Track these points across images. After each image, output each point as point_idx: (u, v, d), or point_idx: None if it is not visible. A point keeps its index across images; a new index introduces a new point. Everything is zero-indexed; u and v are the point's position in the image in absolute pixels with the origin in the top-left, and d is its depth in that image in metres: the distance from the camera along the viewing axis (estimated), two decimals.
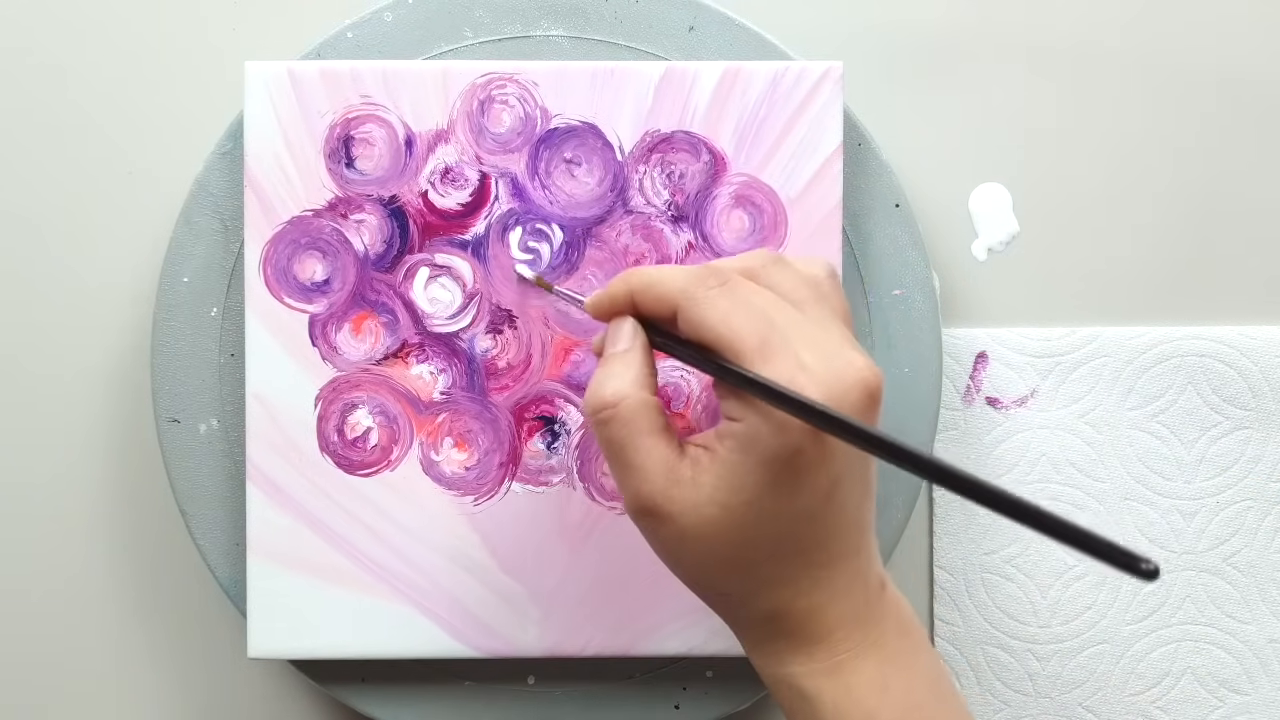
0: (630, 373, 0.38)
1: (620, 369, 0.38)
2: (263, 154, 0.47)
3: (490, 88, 0.48)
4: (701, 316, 0.37)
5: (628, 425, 0.37)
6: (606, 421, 0.38)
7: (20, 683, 0.52)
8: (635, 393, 0.38)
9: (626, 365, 0.38)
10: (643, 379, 0.38)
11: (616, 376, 0.38)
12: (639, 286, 0.39)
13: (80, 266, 0.52)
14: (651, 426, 0.37)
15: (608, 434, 0.38)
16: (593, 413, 0.38)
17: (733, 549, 0.37)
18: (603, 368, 0.39)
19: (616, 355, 0.39)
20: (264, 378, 0.47)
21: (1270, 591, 0.52)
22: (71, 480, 0.52)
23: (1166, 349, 0.52)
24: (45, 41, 0.52)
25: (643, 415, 0.38)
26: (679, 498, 0.37)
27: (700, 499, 0.36)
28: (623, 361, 0.39)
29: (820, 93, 0.48)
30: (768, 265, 0.39)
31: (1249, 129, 0.53)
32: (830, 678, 0.37)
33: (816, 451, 0.36)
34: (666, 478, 0.37)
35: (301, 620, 0.47)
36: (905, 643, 0.38)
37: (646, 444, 0.37)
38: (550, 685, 0.50)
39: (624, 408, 0.37)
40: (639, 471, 0.37)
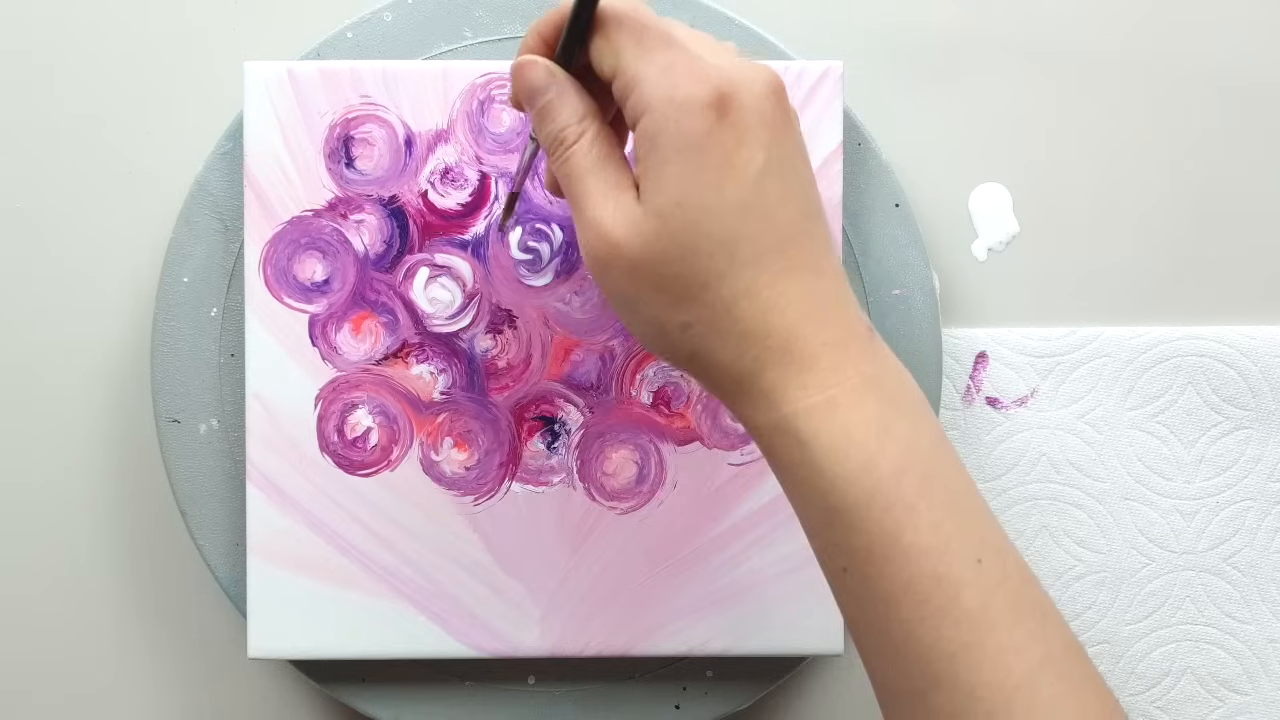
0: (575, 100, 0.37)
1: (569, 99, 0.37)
2: (262, 154, 0.47)
3: (490, 88, 0.48)
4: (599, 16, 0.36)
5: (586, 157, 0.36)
6: (567, 157, 0.36)
7: (20, 683, 0.52)
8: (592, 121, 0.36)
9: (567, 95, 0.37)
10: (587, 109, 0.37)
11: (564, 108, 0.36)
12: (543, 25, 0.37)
13: (80, 266, 0.52)
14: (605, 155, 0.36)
15: (567, 170, 0.36)
16: (553, 153, 0.37)
17: (683, 265, 0.35)
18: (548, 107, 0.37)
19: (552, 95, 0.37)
20: (264, 378, 0.47)
21: (1270, 591, 0.52)
22: (71, 480, 0.52)
23: (1166, 349, 0.52)
24: (45, 42, 0.52)
25: (602, 145, 0.36)
26: (623, 221, 0.35)
27: (637, 215, 0.35)
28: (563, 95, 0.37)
29: (820, 92, 0.48)
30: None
31: (1249, 129, 0.53)
32: (826, 417, 0.34)
33: (729, 133, 0.34)
34: (618, 205, 0.35)
35: (301, 620, 0.47)
36: (905, 391, 0.36)
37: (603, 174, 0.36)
38: (550, 685, 0.50)
39: (590, 133, 0.36)
40: (594, 204, 0.36)
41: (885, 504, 0.34)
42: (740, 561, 0.48)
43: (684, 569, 0.48)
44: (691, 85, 0.34)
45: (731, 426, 0.48)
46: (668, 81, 0.34)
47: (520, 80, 0.37)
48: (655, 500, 0.48)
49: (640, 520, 0.48)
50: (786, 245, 0.35)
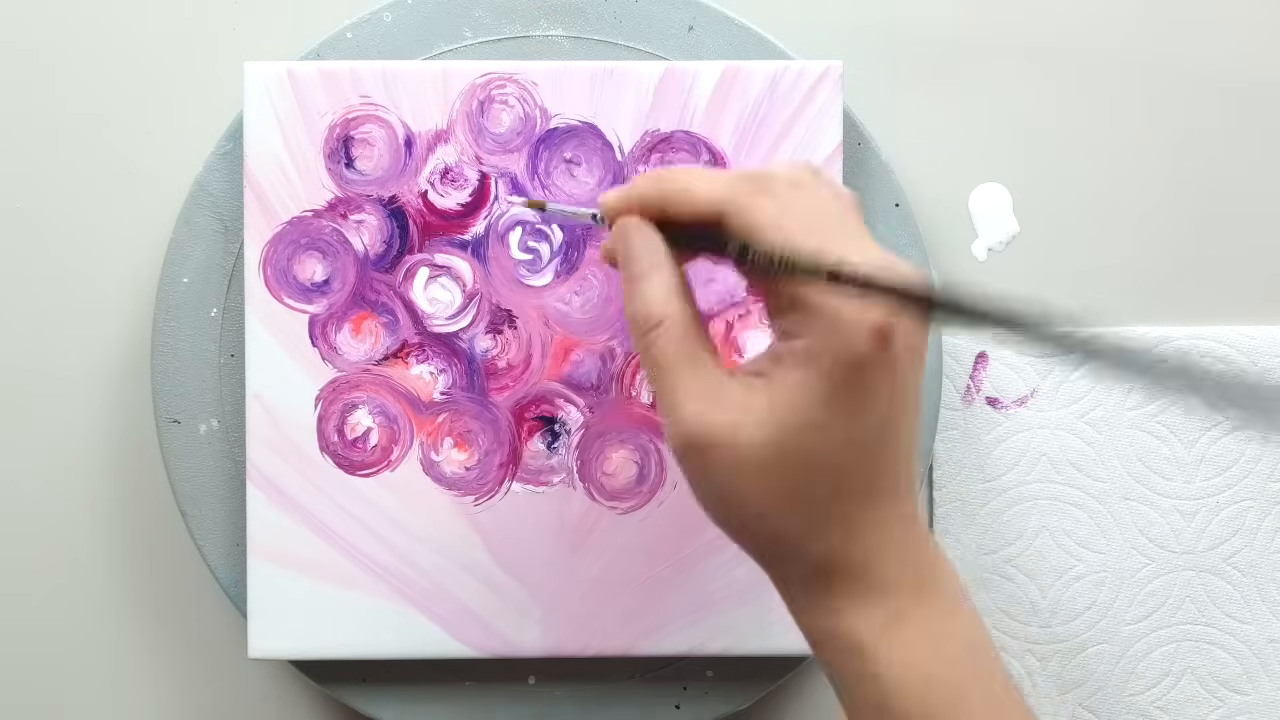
0: (667, 282, 0.36)
1: (659, 280, 0.36)
2: (262, 154, 0.47)
3: (490, 88, 0.48)
4: (752, 222, 0.34)
5: (679, 340, 0.35)
6: (658, 338, 0.35)
7: (21, 683, 0.52)
8: (677, 305, 0.35)
9: (660, 277, 0.36)
10: (684, 290, 0.36)
11: (653, 290, 0.35)
12: (672, 194, 0.36)
13: (80, 266, 0.52)
14: (702, 342, 0.35)
15: (657, 351, 0.35)
16: (641, 331, 0.35)
17: (790, 478, 0.34)
18: (641, 281, 0.36)
19: (647, 270, 0.36)
20: (264, 378, 0.47)
21: (1270, 591, 0.52)
22: (71, 480, 0.52)
23: (1167, 349, 0.52)
24: (45, 41, 0.52)
25: (694, 329, 0.35)
26: (732, 420, 0.34)
27: (754, 421, 0.34)
28: (655, 275, 0.36)
29: (820, 92, 0.48)
30: (811, 177, 0.36)
31: (1249, 129, 0.53)
32: (888, 631, 0.34)
33: (879, 366, 0.33)
34: (720, 397, 0.34)
35: (302, 620, 0.47)
36: (960, 597, 0.35)
37: (698, 360, 0.35)
38: (551, 685, 0.50)
39: (670, 325, 0.35)
40: (689, 391, 0.34)
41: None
42: (740, 561, 0.48)
43: (684, 569, 0.48)
44: (860, 310, 0.33)
45: None
46: (836, 301, 0.33)
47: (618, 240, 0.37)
48: (655, 500, 0.48)
49: (640, 520, 0.48)
50: (891, 483, 0.35)
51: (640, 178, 0.37)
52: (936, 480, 0.52)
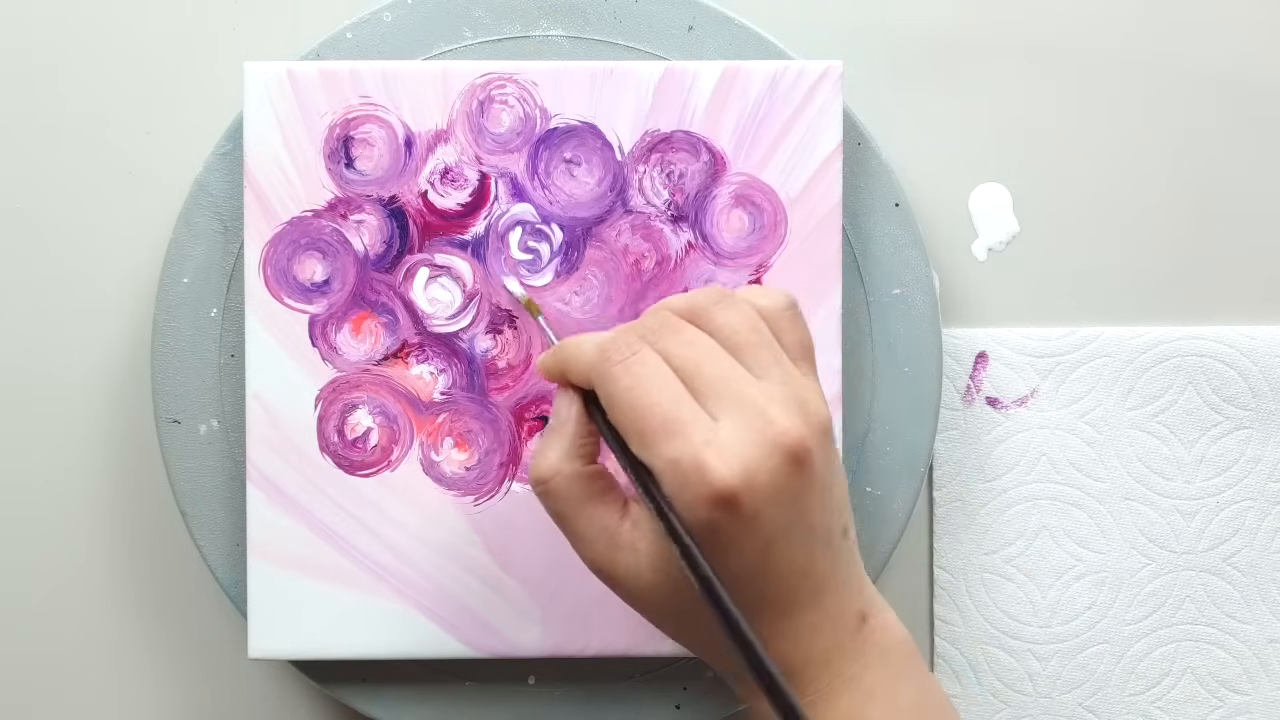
0: (563, 445, 0.38)
1: (555, 441, 0.38)
2: (262, 155, 0.47)
3: (490, 88, 0.48)
4: (609, 395, 0.36)
5: (563, 499, 0.38)
6: (545, 495, 0.38)
7: (21, 683, 0.52)
8: (567, 465, 0.38)
9: (560, 437, 0.38)
10: (576, 449, 0.38)
11: (551, 449, 0.38)
12: (564, 362, 0.39)
13: (80, 266, 0.52)
14: (587, 495, 0.38)
15: (548, 506, 0.38)
16: (533, 486, 0.39)
17: (678, 610, 0.37)
18: (540, 441, 0.39)
19: (554, 428, 0.39)
20: (264, 378, 0.47)
21: (1270, 591, 0.52)
22: (71, 480, 0.52)
23: (1166, 349, 0.52)
24: (45, 41, 0.52)
25: (577, 487, 0.38)
26: (622, 562, 0.37)
27: (641, 565, 0.37)
28: (557, 434, 0.39)
29: (820, 92, 0.48)
30: (712, 305, 0.37)
31: (1249, 129, 0.53)
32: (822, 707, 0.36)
33: (735, 523, 0.35)
34: (609, 544, 0.37)
35: (302, 620, 0.47)
36: (885, 674, 0.37)
37: (585, 514, 0.38)
38: (551, 685, 0.50)
39: (555, 484, 0.38)
40: (582, 539, 0.38)
41: None
42: None
43: None
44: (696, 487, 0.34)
45: None
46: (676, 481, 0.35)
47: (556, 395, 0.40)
48: None
49: None
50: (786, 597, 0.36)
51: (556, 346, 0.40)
52: (936, 480, 0.52)
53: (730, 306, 0.37)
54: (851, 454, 0.49)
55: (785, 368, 0.37)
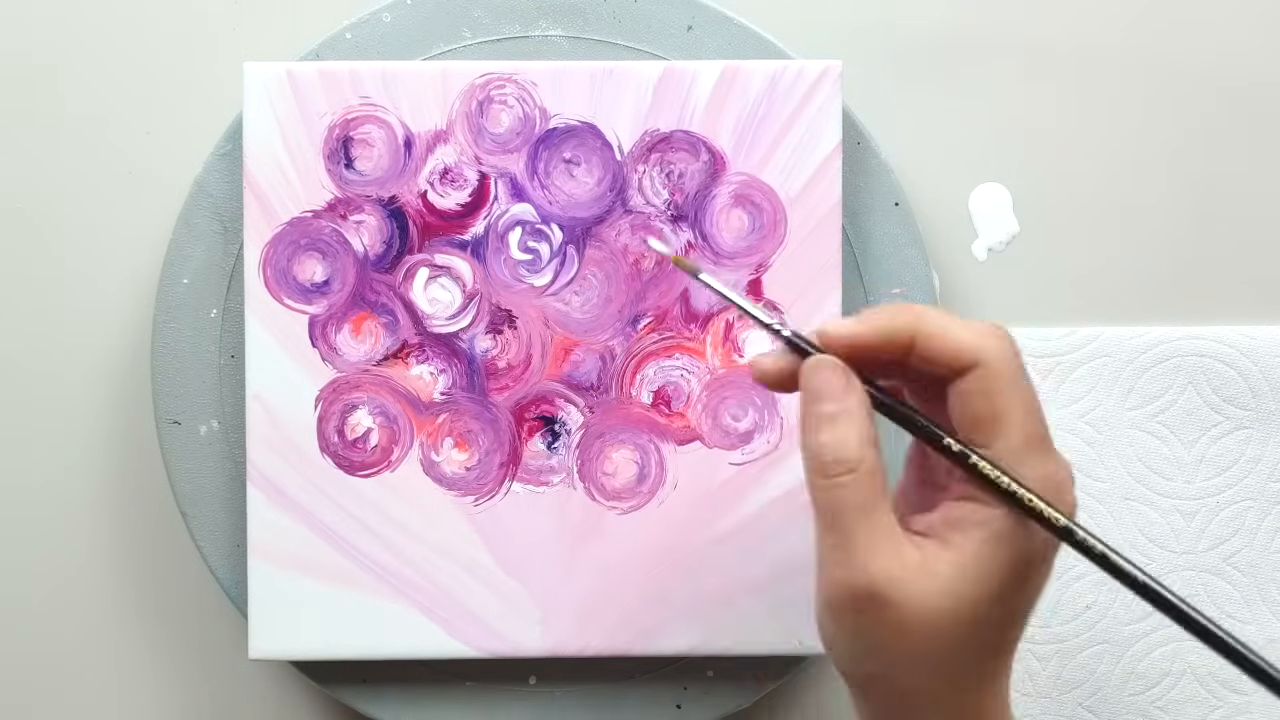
0: (860, 430, 0.34)
1: (852, 425, 0.34)
2: (262, 155, 0.47)
3: (489, 88, 0.48)
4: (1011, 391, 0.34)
5: (863, 490, 0.33)
6: (844, 484, 0.33)
7: (20, 683, 0.52)
8: (870, 454, 0.34)
9: (852, 422, 0.34)
10: (870, 437, 0.34)
11: (854, 432, 0.34)
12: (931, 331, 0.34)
13: (80, 267, 0.52)
14: (881, 495, 0.34)
15: (838, 498, 0.33)
16: (825, 472, 0.34)
17: (951, 645, 0.33)
18: (825, 424, 0.34)
19: (840, 412, 0.34)
20: (264, 379, 0.47)
21: (1270, 591, 0.52)
22: (71, 481, 0.52)
23: (1166, 349, 0.52)
24: (45, 41, 0.52)
25: (879, 482, 0.34)
26: (910, 582, 0.33)
27: (934, 588, 0.33)
28: (847, 419, 0.34)
29: (819, 92, 0.48)
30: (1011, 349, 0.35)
31: (1248, 129, 0.53)
32: None
33: (1053, 552, 0.35)
34: (895, 557, 0.33)
35: (302, 621, 0.47)
36: None
37: (877, 516, 0.33)
38: (551, 685, 0.50)
39: (865, 468, 0.33)
40: (865, 546, 0.33)
41: None
42: (741, 561, 0.48)
43: (684, 569, 0.48)
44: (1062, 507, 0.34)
45: (731, 426, 0.48)
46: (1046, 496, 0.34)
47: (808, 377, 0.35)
48: (655, 500, 0.48)
49: (641, 520, 0.48)
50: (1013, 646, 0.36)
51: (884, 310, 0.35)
52: None
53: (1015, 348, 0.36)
54: None
55: None
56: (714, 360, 0.48)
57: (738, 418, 0.48)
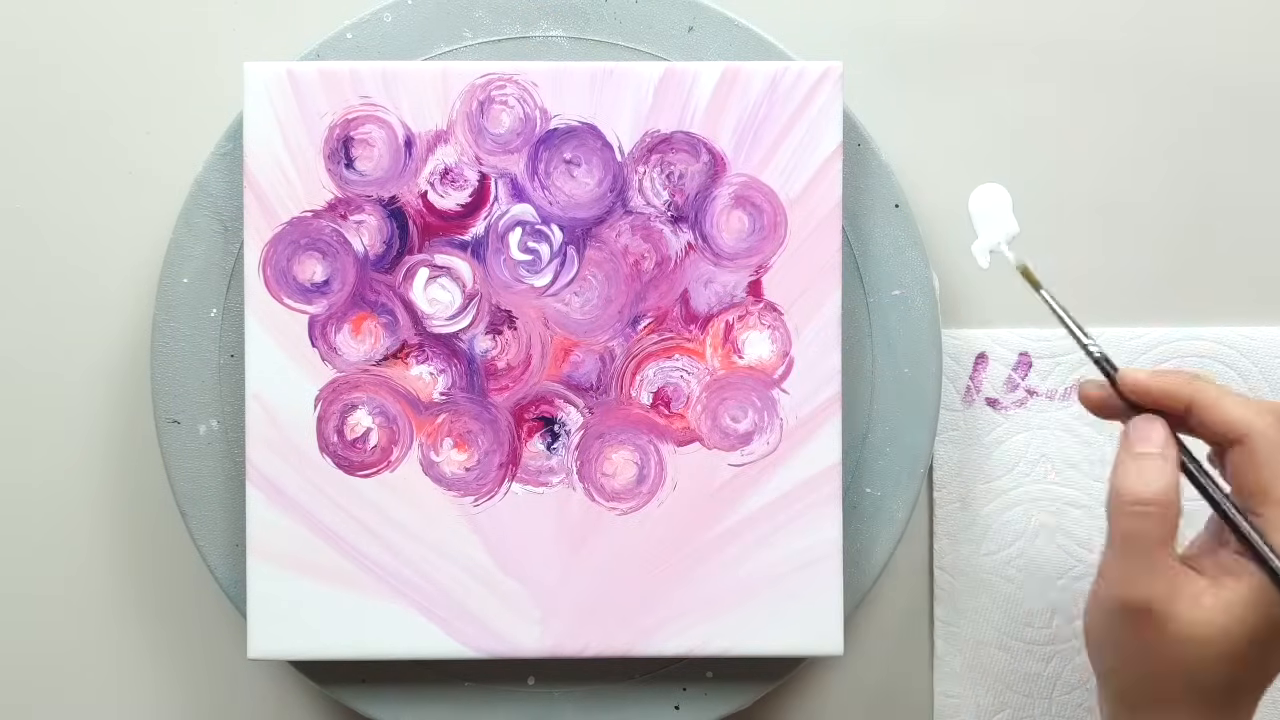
0: (1172, 476, 0.39)
1: (1163, 469, 0.39)
2: (262, 155, 0.47)
3: (490, 88, 0.48)
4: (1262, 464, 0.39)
5: (1162, 526, 0.39)
6: (1148, 516, 0.39)
7: (20, 683, 0.52)
8: (1176, 500, 0.39)
9: (1168, 467, 0.39)
10: (1178, 486, 0.39)
11: (1165, 475, 0.39)
12: (1203, 401, 0.40)
13: (80, 266, 0.52)
14: (1174, 534, 0.39)
15: (1141, 526, 0.39)
16: (1135, 503, 0.39)
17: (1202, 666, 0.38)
18: (1146, 461, 0.40)
19: (1154, 455, 0.40)
20: (264, 378, 0.47)
21: None
22: (71, 480, 0.52)
23: (1166, 349, 0.52)
24: (46, 41, 0.52)
25: (1175, 523, 0.39)
26: (1180, 607, 0.38)
27: (1199, 617, 0.38)
28: (1163, 463, 0.39)
29: (820, 93, 0.48)
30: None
31: (1248, 129, 0.53)
32: None
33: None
34: (1174, 585, 0.39)
35: (301, 621, 0.47)
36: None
37: (1168, 548, 0.39)
38: (550, 686, 0.50)
39: (1170, 510, 0.39)
40: (1154, 570, 0.39)
41: None
42: (740, 562, 0.48)
43: (684, 569, 0.48)
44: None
45: (731, 427, 0.48)
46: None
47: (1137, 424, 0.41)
48: (655, 501, 0.48)
49: (640, 521, 0.48)
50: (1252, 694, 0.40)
51: (1173, 373, 0.41)
52: (936, 480, 0.52)
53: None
54: (851, 455, 0.49)
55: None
56: (714, 361, 0.48)
57: (737, 419, 0.48)
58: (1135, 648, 0.39)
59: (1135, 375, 0.41)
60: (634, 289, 0.48)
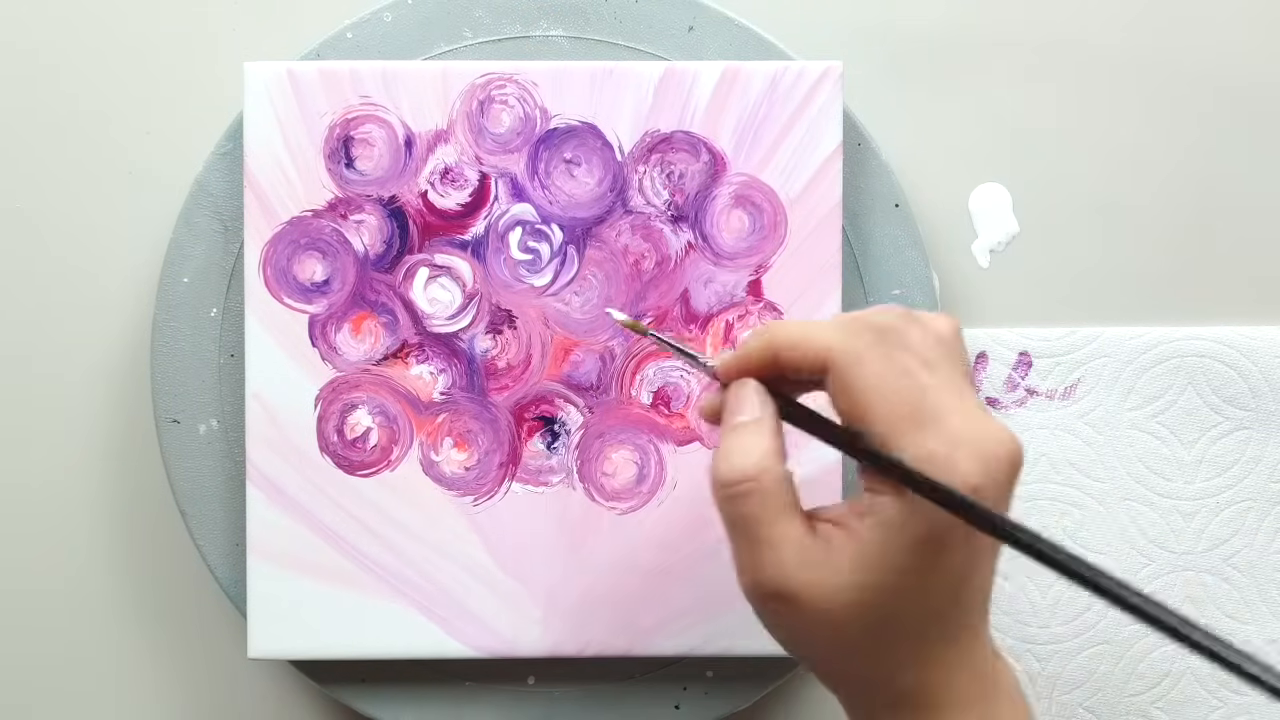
0: (766, 442, 0.36)
1: (755, 438, 0.36)
2: (262, 154, 0.47)
3: (490, 88, 0.48)
4: (856, 378, 0.35)
5: (765, 502, 0.35)
6: (743, 496, 0.35)
7: (20, 683, 0.52)
8: (774, 465, 0.35)
9: (761, 434, 0.36)
10: (778, 450, 0.36)
11: (754, 447, 0.35)
12: (784, 343, 0.36)
13: (80, 266, 0.52)
14: (787, 502, 0.35)
15: (741, 509, 0.35)
16: (726, 486, 0.35)
17: (867, 632, 0.35)
18: (733, 436, 0.36)
19: (748, 424, 0.36)
20: (264, 378, 0.47)
21: (1270, 591, 0.52)
22: (71, 480, 0.52)
23: (1166, 349, 0.52)
24: (46, 41, 0.52)
25: (781, 491, 0.35)
26: (814, 580, 0.34)
27: (838, 582, 0.34)
28: (757, 430, 0.36)
29: (820, 92, 0.48)
30: (898, 323, 0.36)
31: (1248, 129, 0.53)
32: None
33: (958, 534, 0.34)
34: (801, 559, 0.35)
35: (301, 620, 0.47)
36: (1016, 695, 0.37)
37: (782, 521, 0.35)
38: (550, 685, 0.50)
39: (765, 481, 0.35)
40: (771, 551, 0.35)
41: None
42: None
43: (684, 569, 0.48)
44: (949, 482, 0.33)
45: None
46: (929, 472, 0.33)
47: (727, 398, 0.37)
48: (655, 500, 0.48)
49: (640, 521, 0.48)
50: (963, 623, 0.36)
51: (750, 334, 0.37)
52: None
53: (916, 323, 0.36)
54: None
55: (971, 386, 0.36)
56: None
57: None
58: (792, 632, 0.36)
59: (723, 358, 0.38)
60: (634, 289, 0.48)
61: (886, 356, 0.35)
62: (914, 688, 0.35)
